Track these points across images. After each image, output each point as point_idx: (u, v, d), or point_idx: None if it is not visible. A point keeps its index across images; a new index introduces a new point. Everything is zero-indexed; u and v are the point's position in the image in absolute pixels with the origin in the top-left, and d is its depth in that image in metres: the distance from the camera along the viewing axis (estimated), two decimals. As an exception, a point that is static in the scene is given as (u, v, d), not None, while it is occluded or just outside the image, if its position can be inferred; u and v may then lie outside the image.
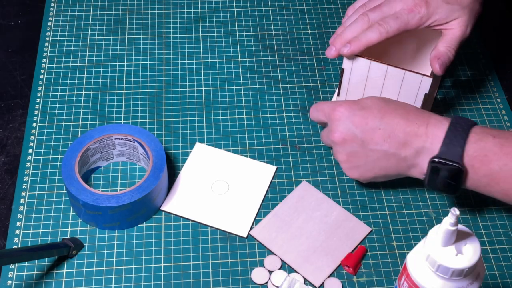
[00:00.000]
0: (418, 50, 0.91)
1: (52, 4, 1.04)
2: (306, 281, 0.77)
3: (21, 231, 0.80)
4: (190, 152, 0.88)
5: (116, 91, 0.94)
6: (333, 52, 0.84)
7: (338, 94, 0.89)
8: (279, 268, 0.77)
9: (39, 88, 0.94)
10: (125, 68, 0.96)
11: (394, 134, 0.76)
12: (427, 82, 0.81)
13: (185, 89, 0.94)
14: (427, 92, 0.82)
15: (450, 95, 0.95)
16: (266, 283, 0.76)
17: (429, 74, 0.82)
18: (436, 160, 0.73)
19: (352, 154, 0.79)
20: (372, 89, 0.85)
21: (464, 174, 0.73)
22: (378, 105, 0.78)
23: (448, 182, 0.74)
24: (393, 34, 0.81)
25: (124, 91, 0.94)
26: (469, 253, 0.60)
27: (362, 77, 0.85)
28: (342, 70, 0.85)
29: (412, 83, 0.82)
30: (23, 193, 0.83)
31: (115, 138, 0.83)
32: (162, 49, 0.99)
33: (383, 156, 0.77)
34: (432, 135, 0.74)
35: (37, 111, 0.91)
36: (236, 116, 0.92)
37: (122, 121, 0.91)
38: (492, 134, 0.73)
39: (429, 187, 0.76)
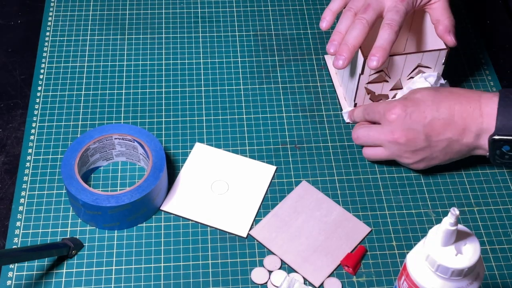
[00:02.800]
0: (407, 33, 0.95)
1: (52, 4, 1.04)
2: (305, 281, 0.77)
3: (21, 231, 0.80)
4: (190, 152, 0.88)
5: (116, 91, 0.94)
6: (342, 62, 0.83)
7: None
8: (279, 268, 0.77)
9: (39, 88, 0.94)
10: (125, 68, 0.96)
11: (453, 121, 0.78)
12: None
13: (185, 89, 0.94)
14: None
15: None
16: (266, 283, 0.76)
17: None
18: (495, 138, 0.76)
19: (418, 150, 0.80)
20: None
21: None
22: (430, 96, 0.80)
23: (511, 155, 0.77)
24: (401, 27, 0.83)
25: (124, 91, 0.94)
26: (469, 253, 0.60)
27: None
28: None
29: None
30: (22, 193, 0.83)
31: (115, 138, 0.83)
32: (162, 49, 0.99)
33: (448, 144, 0.79)
34: (486, 115, 0.77)
35: (37, 111, 0.91)
36: (236, 116, 0.91)
37: (122, 121, 0.91)
38: None
39: (496, 164, 0.79)
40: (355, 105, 0.90)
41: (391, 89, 0.88)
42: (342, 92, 0.94)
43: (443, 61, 0.86)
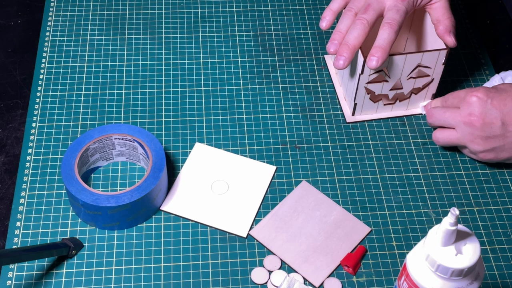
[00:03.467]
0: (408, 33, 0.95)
1: (52, 4, 1.04)
2: (305, 281, 0.77)
3: (21, 231, 0.80)
4: (190, 152, 0.88)
5: (116, 91, 0.94)
6: (343, 62, 0.83)
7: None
8: (279, 268, 0.77)
9: (39, 88, 0.94)
10: (125, 68, 0.96)
11: None
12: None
13: (185, 89, 0.94)
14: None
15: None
16: (266, 283, 0.76)
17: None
18: None
19: (491, 137, 0.80)
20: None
21: None
22: None
23: None
24: (401, 26, 0.84)
25: (124, 91, 0.94)
26: (469, 253, 0.60)
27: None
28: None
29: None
30: (22, 193, 0.83)
31: (115, 138, 0.83)
32: (162, 49, 0.99)
33: None
34: None
35: (37, 111, 0.91)
36: (236, 116, 0.91)
37: (122, 121, 0.91)
38: None
39: None
40: (355, 105, 0.89)
41: (391, 89, 0.88)
42: (342, 92, 0.94)
43: (443, 61, 0.86)
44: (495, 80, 0.90)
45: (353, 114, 0.91)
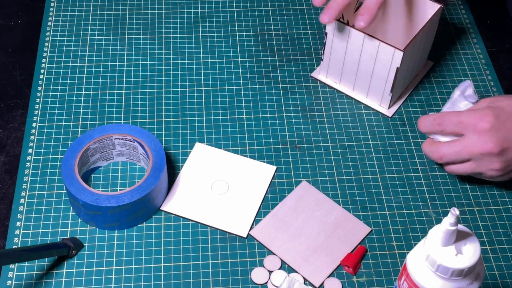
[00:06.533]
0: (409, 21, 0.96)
1: (52, 4, 1.04)
2: (305, 281, 0.77)
3: (21, 231, 0.80)
4: (190, 152, 0.88)
5: (116, 91, 0.94)
6: (328, 17, 0.86)
7: (322, 59, 0.93)
8: (279, 268, 0.77)
9: (39, 88, 0.94)
10: (125, 68, 0.96)
11: None
12: (399, 56, 0.84)
13: (185, 89, 0.94)
14: (398, 66, 0.85)
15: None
16: (266, 283, 0.76)
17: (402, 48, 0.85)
18: None
19: (510, 160, 0.77)
20: (352, 60, 0.90)
21: None
22: None
23: None
24: None
25: (124, 91, 0.94)
26: (469, 253, 0.60)
27: (342, 44, 0.89)
28: (326, 33, 0.88)
29: (385, 55, 0.86)
30: (23, 193, 0.83)
31: (115, 138, 0.83)
32: (162, 49, 0.99)
33: None
34: None
35: (37, 111, 0.91)
36: (236, 116, 0.92)
37: (122, 121, 0.91)
38: None
39: None
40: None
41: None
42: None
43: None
44: (456, 94, 0.85)
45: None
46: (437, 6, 0.89)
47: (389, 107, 0.92)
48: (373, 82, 0.90)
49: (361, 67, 0.89)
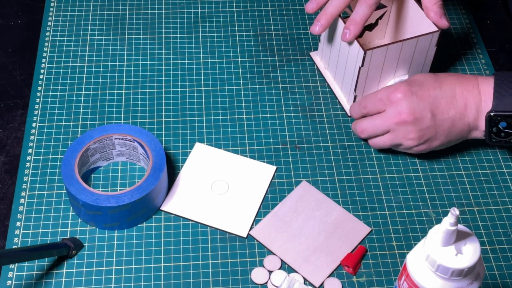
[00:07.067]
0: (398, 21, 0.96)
1: (52, 4, 1.04)
2: (305, 281, 0.77)
3: (21, 231, 0.80)
4: (190, 152, 0.88)
5: (116, 91, 0.94)
6: (318, 28, 0.87)
7: (319, 40, 0.94)
8: (279, 268, 0.77)
9: (39, 88, 0.94)
10: (125, 68, 0.96)
11: (456, 99, 0.80)
12: (361, 55, 0.84)
13: (185, 89, 0.94)
14: (360, 65, 0.85)
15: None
16: (266, 283, 0.76)
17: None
18: (492, 114, 0.78)
19: (423, 129, 0.81)
20: (335, 49, 0.90)
21: None
22: (431, 78, 0.82)
23: (508, 132, 0.78)
24: (377, 3, 0.85)
25: (124, 91, 0.94)
26: (469, 253, 0.60)
27: (332, 30, 0.90)
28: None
29: (354, 52, 0.86)
30: (23, 193, 0.83)
31: (115, 138, 0.83)
32: (162, 49, 0.99)
33: (451, 123, 0.81)
34: (484, 92, 0.79)
35: (37, 111, 0.91)
36: (236, 116, 0.91)
37: (122, 121, 0.91)
38: None
39: (491, 144, 0.80)
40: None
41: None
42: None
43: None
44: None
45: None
46: (434, 29, 0.86)
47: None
48: (346, 77, 0.90)
49: (340, 58, 0.90)
